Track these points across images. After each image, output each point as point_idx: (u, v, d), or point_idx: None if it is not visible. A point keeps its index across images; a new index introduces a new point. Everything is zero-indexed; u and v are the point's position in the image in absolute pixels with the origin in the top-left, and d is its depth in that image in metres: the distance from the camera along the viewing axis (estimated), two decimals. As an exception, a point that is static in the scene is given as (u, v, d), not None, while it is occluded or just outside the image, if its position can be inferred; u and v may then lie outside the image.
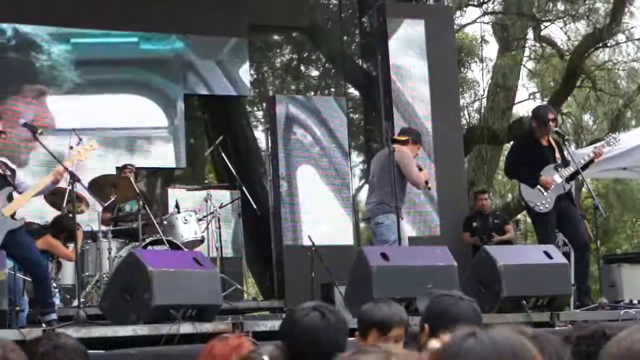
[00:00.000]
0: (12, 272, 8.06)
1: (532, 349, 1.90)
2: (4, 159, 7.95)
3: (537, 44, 21.28)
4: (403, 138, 9.78)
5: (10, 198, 7.67)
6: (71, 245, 9.68)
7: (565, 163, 9.46)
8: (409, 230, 10.93)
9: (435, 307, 3.66)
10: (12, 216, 7.62)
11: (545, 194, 9.28)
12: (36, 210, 10.50)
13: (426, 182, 9.68)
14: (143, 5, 13.00)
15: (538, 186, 9.31)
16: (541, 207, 9.30)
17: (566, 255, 9.59)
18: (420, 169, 9.64)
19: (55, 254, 9.83)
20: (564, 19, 20.20)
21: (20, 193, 7.77)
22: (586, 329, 3.06)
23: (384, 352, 1.80)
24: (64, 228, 9.77)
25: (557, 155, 9.52)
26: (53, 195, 9.73)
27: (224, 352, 3.59)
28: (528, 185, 9.41)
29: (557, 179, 9.32)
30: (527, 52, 21.57)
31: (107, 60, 13.28)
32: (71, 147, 8.03)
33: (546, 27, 20.64)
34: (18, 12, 12.30)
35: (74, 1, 12.68)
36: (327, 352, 3.09)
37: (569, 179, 9.45)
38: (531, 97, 22.16)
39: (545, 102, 18.66)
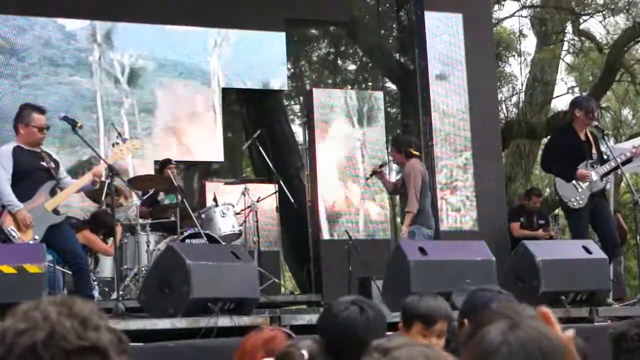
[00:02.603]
0: (52, 265, 8.13)
1: (562, 345, 1.89)
2: (49, 151, 7.98)
3: (576, 38, 21.15)
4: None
5: (53, 192, 7.69)
6: (110, 241, 9.74)
7: (602, 159, 9.33)
8: (445, 224, 10.92)
9: (475, 302, 3.64)
10: (54, 210, 7.66)
11: (580, 189, 9.15)
12: (75, 204, 10.58)
13: None
14: (182, 0, 13.02)
15: (574, 181, 9.20)
16: (575, 203, 9.19)
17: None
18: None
19: (92, 248, 9.89)
20: (603, 12, 20.06)
21: (61, 188, 7.79)
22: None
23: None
24: (102, 223, 9.82)
25: (594, 151, 9.37)
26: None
27: (254, 344, 3.59)
28: (563, 180, 9.32)
29: (593, 175, 9.22)
30: (565, 46, 21.45)
31: (144, 55, 13.26)
32: (113, 145, 8.08)
33: (585, 20, 20.51)
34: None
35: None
36: (365, 347, 3.07)
37: (604, 176, 9.34)
38: (570, 91, 22.04)
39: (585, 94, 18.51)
